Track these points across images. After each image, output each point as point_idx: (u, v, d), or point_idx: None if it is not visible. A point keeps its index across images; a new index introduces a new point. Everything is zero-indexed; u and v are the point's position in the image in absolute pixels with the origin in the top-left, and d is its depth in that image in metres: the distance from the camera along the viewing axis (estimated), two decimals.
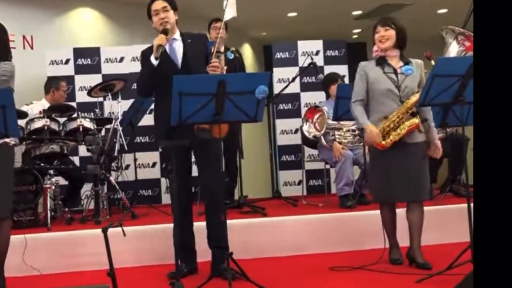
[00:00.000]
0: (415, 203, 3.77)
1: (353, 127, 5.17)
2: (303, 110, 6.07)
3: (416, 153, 3.73)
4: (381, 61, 3.78)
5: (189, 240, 3.79)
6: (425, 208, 3.83)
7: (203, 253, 3.82)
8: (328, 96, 5.53)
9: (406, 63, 3.76)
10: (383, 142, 3.67)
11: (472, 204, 3.51)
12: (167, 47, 3.69)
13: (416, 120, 3.67)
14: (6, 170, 3.49)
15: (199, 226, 3.81)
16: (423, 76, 3.80)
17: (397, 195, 3.77)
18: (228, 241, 3.44)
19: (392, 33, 3.73)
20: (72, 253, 4.17)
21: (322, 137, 5.12)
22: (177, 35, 3.76)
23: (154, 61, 3.60)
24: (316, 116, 5.16)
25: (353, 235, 4.47)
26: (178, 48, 3.73)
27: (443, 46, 4.85)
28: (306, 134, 5.20)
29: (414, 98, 3.66)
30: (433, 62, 3.71)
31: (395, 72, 3.74)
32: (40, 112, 5.06)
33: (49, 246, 4.16)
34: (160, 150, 6.01)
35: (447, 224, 4.48)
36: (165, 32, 3.63)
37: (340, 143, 5.10)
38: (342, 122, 5.10)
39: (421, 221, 3.77)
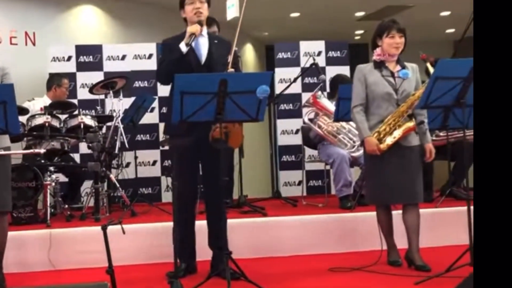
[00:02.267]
0: (411, 205, 3.78)
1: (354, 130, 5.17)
2: (303, 111, 6.06)
3: (411, 156, 3.75)
4: (380, 65, 3.79)
5: (190, 238, 3.78)
6: (425, 210, 3.83)
7: (203, 252, 3.82)
8: (333, 96, 5.48)
9: (403, 67, 3.79)
10: (381, 146, 3.68)
11: (472, 207, 3.53)
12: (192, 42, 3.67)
13: (411, 124, 3.70)
14: (4, 166, 3.50)
15: (199, 225, 3.81)
16: (419, 80, 3.83)
17: (392, 197, 3.78)
18: (228, 241, 3.44)
19: (403, 41, 3.75)
20: (71, 250, 4.17)
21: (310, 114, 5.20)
22: (204, 31, 3.74)
23: (183, 48, 3.58)
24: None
25: (352, 236, 4.48)
26: (203, 45, 3.71)
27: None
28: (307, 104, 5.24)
29: (409, 101, 3.68)
30: (428, 64, 3.72)
31: (392, 75, 3.77)
32: (41, 109, 5.06)
33: (48, 243, 4.15)
34: (166, 147, 6.02)
35: (447, 226, 4.48)
36: (200, 23, 3.63)
37: (319, 127, 5.10)
38: (343, 123, 5.09)
39: (418, 222, 3.78)
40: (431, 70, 3.62)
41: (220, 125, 3.37)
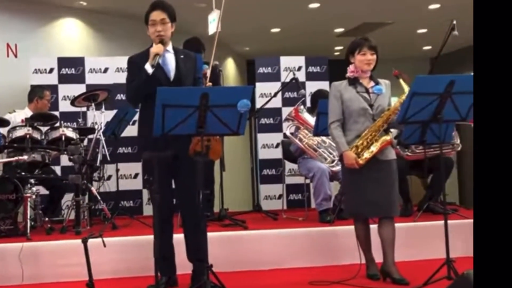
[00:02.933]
0: (386, 219, 3.84)
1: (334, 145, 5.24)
2: (285, 125, 6.14)
3: (387, 170, 3.83)
4: (354, 81, 3.88)
5: (169, 252, 3.78)
6: (403, 224, 3.89)
7: (183, 265, 3.83)
8: (313, 110, 5.55)
9: (376, 83, 3.88)
10: (360, 161, 3.75)
11: (449, 221, 3.61)
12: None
13: (388, 138, 3.79)
14: None
15: (179, 238, 3.82)
16: (390, 96, 3.93)
17: (368, 210, 3.84)
18: (208, 254, 3.46)
19: (375, 57, 3.85)
20: (52, 263, 4.15)
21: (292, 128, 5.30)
22: (169, 47, 3.77)
23: (149, 69, 3.59)
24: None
25: (332, 249, 4.52)
26: (170, 61, 3.74)
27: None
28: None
29: (385, 116, 3.77)
30: (401, 81, 3.80)
31: (367, 91, 3.86)
32: (22, 121, 5.04)
33: (28, 256, 4.13)
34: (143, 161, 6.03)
35: (424, 240, 4.55)
36: (163, 42, 3.66)
37: (300, 140, 5.17)
38: (323, 138, 5.16)
39: (393, 236, 3.84)
40: (404, 86, 3.70)
41: (201, 138, 3.41)
